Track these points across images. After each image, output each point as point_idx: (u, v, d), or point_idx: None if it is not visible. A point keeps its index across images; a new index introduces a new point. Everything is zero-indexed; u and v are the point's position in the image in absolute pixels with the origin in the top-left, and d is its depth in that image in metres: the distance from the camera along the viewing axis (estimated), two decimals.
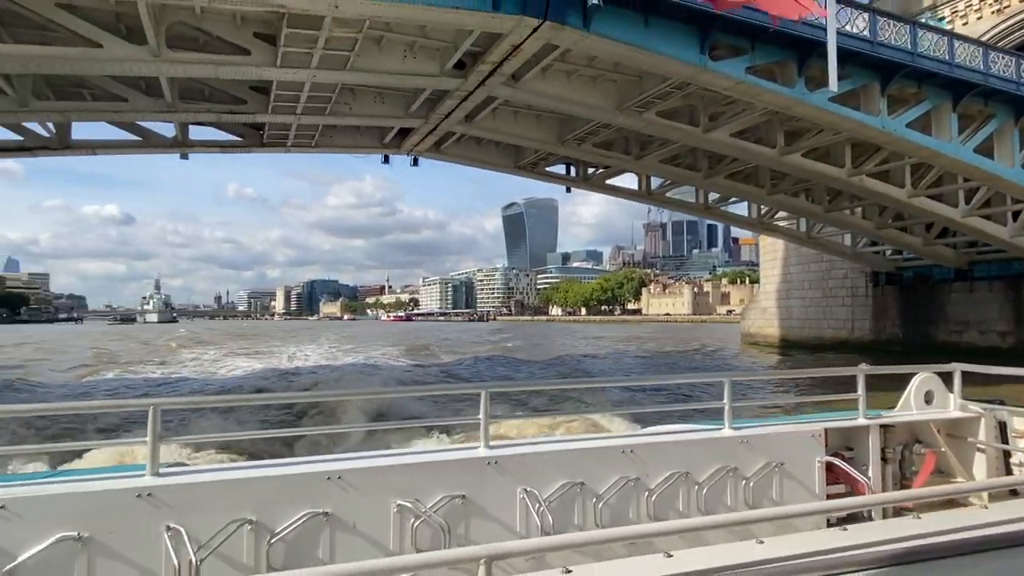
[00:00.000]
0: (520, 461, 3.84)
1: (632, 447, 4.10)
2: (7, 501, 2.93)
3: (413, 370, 31.76)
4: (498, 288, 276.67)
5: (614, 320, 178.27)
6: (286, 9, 12.88)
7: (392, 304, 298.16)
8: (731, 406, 4.45)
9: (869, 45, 17.68)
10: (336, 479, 3.42)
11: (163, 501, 3.15)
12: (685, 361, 42.74)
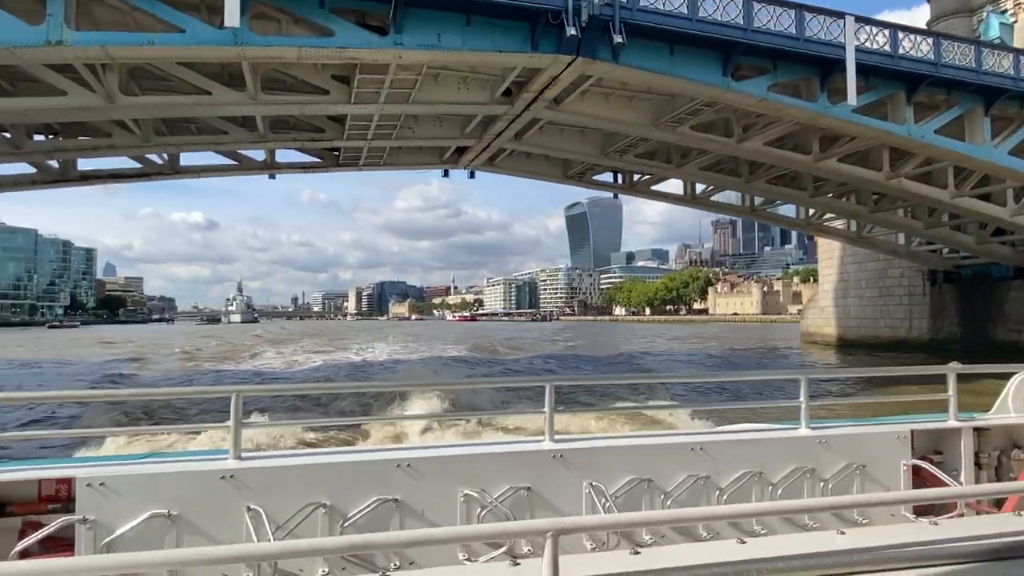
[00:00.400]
0: (586, 455, 3.82)
1: (702, 444, 4.00)
2: (107, 479, 3.15)
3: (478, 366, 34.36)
4: (561, 288, 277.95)
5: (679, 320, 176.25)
6: (359, 60, 15.55)
7: (457, 304, 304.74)
8: (808, 405, 4.28)
9: (890, 59, 18.76)
10: (405, 467, 3.49)
11: (244, 483, 3.29)
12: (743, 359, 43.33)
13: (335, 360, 36.22)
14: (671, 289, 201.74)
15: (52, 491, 3.23)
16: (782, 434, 4.34)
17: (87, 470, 3.22)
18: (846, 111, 18.77)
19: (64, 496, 3.20)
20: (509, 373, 30.37)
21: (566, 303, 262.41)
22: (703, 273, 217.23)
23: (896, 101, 20.02)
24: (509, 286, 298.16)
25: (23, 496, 3.22)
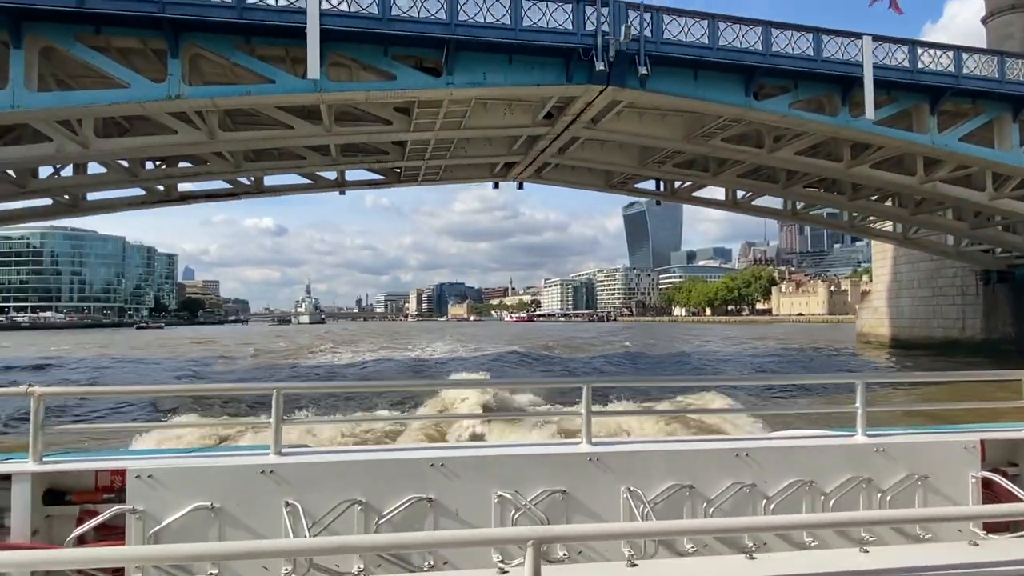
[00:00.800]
0: (624, 459, 3.72)
1: (748, 450, 3.85)
2: (155, 471, 3.26)
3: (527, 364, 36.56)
4: (619, 288, 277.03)
5: (740, 320, 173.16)
6: (417, 98, 18.12)
7: (515, 305, 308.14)
8: (865, 410, 4.08)
9: (909, 74, 19.87)
10: (439, 466, 3.49)
11: (283, 478, 3.35)
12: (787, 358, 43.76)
13: (396, 356, 39.30)
14: (732, 289, 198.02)
15: (107, 481, 3.40)
16: (836, 441, 4.09)
17: (137, 462, 3.38)
18: (868, 124, 19.97)
19: (118, 487, 3.36)
20: (565, 373, 31.80)
21: (624, 303, 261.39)
22: (766, 272, 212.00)
23: (920, 111, 21.01)
24: (566, 287, 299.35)
25: (81, 486, 3.43)
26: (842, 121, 20.05)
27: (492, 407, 13.70)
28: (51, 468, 3.35)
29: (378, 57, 17.05)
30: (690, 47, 18.16)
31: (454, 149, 24.47)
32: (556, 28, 17.18)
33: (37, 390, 3.31)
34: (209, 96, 16.34)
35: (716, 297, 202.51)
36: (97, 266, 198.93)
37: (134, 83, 15.67)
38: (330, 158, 23.78)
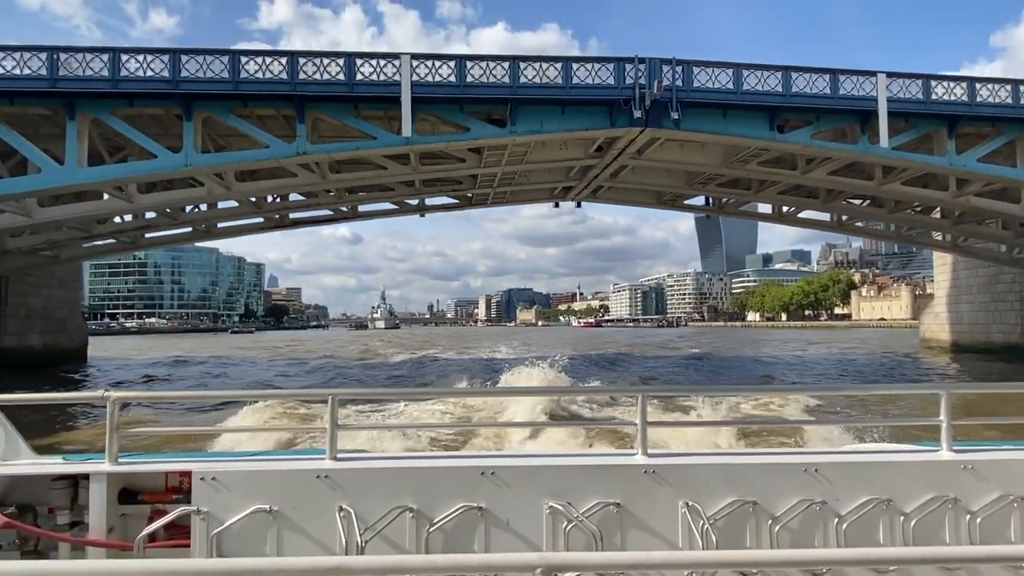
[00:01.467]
0: (682, 472, 3.57)
1: (817, 465, 3.59)
2: (218, 474, 3.44)
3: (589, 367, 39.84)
4: (689, 293, 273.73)
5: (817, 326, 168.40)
6: (487, 145, 22.21)
7: (583, 311, 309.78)
8: (950, 423, 3.74)
9: (923, 104, 22.22)
10: (490, 475, 3.48)
11: (338, 483, 3.43)
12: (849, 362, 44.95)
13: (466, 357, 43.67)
14: (808, 293, 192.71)
15: (176, 483, 3.58)
16: (917, 456, 3.86)
17: (202, 465, 3.50)
18: (886, 150, 22.44)
19: (185, 487, 3.50)
20: (626, 376, 34.31)
21: (695, 309, 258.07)
22: (845, 275, 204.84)
23: (939, 136, 23.21)
24: (635, 292, 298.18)
25: (152, 486, 3.63)
26: (862, 148, 22.60)
27: (546, 414, 13.63)
28: (125, 469, 3.53)
29: (455, 113, 21.24)
30: (717, 92, 21.37)
31: (518, 178, 28.49)
32: (600, 84, 20.86)
33: (112, 394, 3.46)
34: (327, 152, 21.04)
35: (791, 302, 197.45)
36: (194, 275, 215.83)
37: (272, 144, 20.52)
38: (414, 189, 28.30)
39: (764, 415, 13.90)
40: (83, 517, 3.52)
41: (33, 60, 19.12)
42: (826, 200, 30.80)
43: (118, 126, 20.03)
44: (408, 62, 19.94)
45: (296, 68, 19.77)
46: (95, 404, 3.50)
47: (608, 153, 24.89)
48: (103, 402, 3.44)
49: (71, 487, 3.60)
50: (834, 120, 22.67)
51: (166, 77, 19.34)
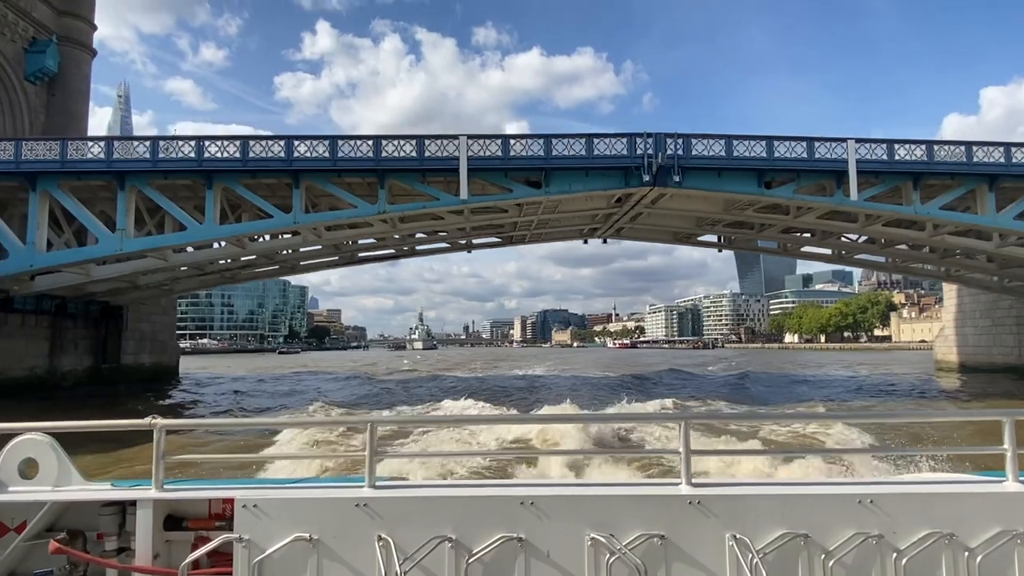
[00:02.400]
0: (728, 503, 3.49)
1: (872, 496, 3.46)
2: (260, 501, 3.46)
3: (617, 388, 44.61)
4: (726, 315, 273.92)
5: (856, 348, 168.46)
6: (525, 201, 27.85)
7: (618, 332, 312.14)
8: (1016, 452, 3.58)
9: (887, 164, 26.97)
10: (529, 505, 3.45)
11: (377, 512, 3.45)
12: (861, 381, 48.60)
13: (503, 374, 49.00)
14: (847, 315, 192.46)
15: (220, 509, 3.68)
16: (981, 488, 3.61)
17: (244, 492, 3.54)
18: (858, 201, 27.21)
19: (228, 515, 3.56)
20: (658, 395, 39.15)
21: (732, 330, 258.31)
22: (883, 296, 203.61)
23: (906, 188, 27.85)
24: (671, 313, 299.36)
25: (196, 513, 3.73)
26: (837, 200, 27.43)
27: (586, 441, 13.92)
28: (170, 496, 3.62)
29: (500, 178, 26.94)
30: (712, 158, 26.58)
31: (551, 223, 34.06)
32: (616, 154, 26.32)
33: (159, 422, 3.54)
34: (400, 210, 26.95)
35: (829, 323, 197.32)
36: (242, 298, 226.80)
37: (359, 205, 26.53)
38: (464, 232, 34.13)
39: (813, 443, 13.71)
40: (130, 543, 3.62)
41: (184, 146, 25.59)
42: (822, 238, 35.46)
43: (243, 192, 26.34)
44: (464, 142, 25.78)
45: (380, 147, 25.80)
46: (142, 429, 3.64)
47: (626, 204, 30.24)
48: (151, 428, 3.52)
49: (119, 513, 3.69)
50: (813, 177, 27.58)
51: (282, 156, 25.58)
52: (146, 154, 25.59)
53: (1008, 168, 27.33)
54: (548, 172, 26.67)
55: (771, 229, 34.91)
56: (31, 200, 25.85)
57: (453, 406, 24.92)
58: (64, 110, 38.77)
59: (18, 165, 25.41)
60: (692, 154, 26.55)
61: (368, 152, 25.79)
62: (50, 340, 32.17)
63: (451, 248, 37.98)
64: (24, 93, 36.50)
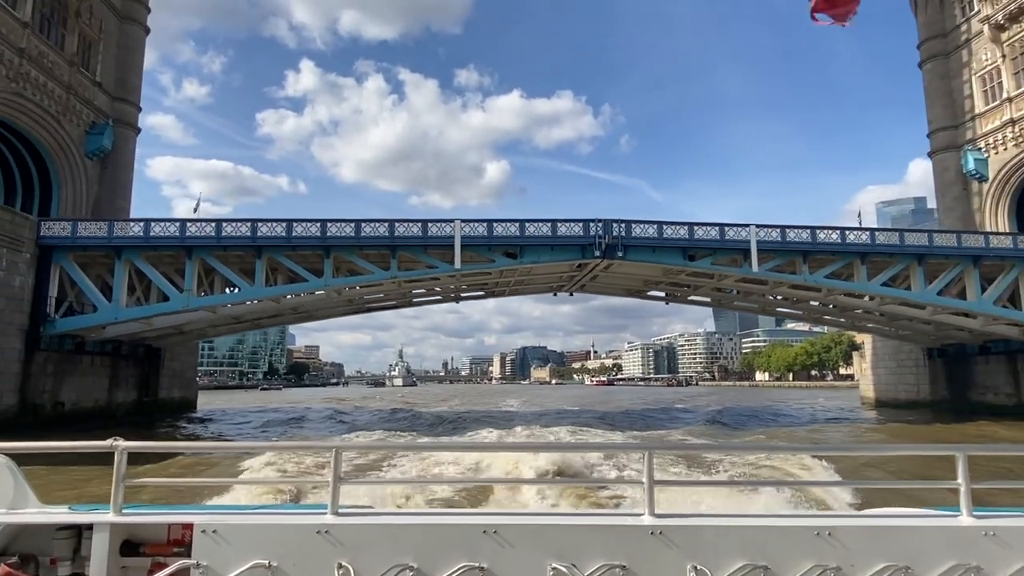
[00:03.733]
0: (690, 534, 3.53)
1: (830, 529, 3.53)
2: (219, 527, 3.49)
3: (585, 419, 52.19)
4: (700, 353, 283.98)
5: (821, 386, 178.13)
6: (504, 269, 36.07)
7: (596, 369, 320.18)
8: (969, 487, 3.66)
9: (781, 243, 35.76)
10: (492, 533, 3.47)
11: (338, 539, 3.46)
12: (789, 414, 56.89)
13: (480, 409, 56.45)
14: (812, 354, 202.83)
15: (178, 535, 3.62)
16: (936, 521, 3.70)
17: (204, 517, 3.55)
18: (759, 272, 35.86)
19: (187, 540, 3.53)
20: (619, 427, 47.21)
21: (706, 368, 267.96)
22: (846, 337, 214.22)
23: (797, 261, 36.62)
24: (647, 351, 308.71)
25: (154, 538, 3.67)
26: (745, 270, 36.07)
27: (550, 470, 14.02)
28: (128, 520, 3.57)
29: (485, 251, 35.16)
30: (648, 238, 35.16)
31: (526, 282, 42.29)
32: (574, 235, 34.74)
33: (120, 444, 3.52)
34: (409, 277, 34.99)
35: (795, 362, 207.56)
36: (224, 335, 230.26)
37: (375, 271, 34.48)
38: (455, 288, 42.14)
39: (773, 475, 14.24)
40: (84, 569, 3.54)
41: (242, 227, 33.44)
42: (745, 296, 44.16)
43: (284, 261, 34.17)
44: (459, 224, 34.03)
45: (394, 228, 33.88)
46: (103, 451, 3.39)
47: (585, 269, 38.64)
48: (112, 450, 3.50)
49: (75, 537, 3.64)
50: (726, 253, 36.26)
51: (318, 235, 33.54)
52: (211, 232, 33.34)
53: (873, 247, 36.32)
54: (522, 247, 34.97)
55: (703, 288, 43.53)
56: (117, 267, 33.35)
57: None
58: (114, 180, 46.38)
59: (110, 240, 33.00)
60: (632, 235, 35.11)
61: (384, 232, 33.89)
62: (109, 377, 39.10)
63: (443, 300, 45.96)
64: (84, 167, 44.05)
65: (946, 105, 53.00)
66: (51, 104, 40.37)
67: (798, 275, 36.53)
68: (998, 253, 37.30)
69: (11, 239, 31.07)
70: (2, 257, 30.45)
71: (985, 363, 44.91)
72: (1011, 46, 47.87)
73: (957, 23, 52.88)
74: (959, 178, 51.15)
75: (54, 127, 40.92)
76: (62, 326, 32.67)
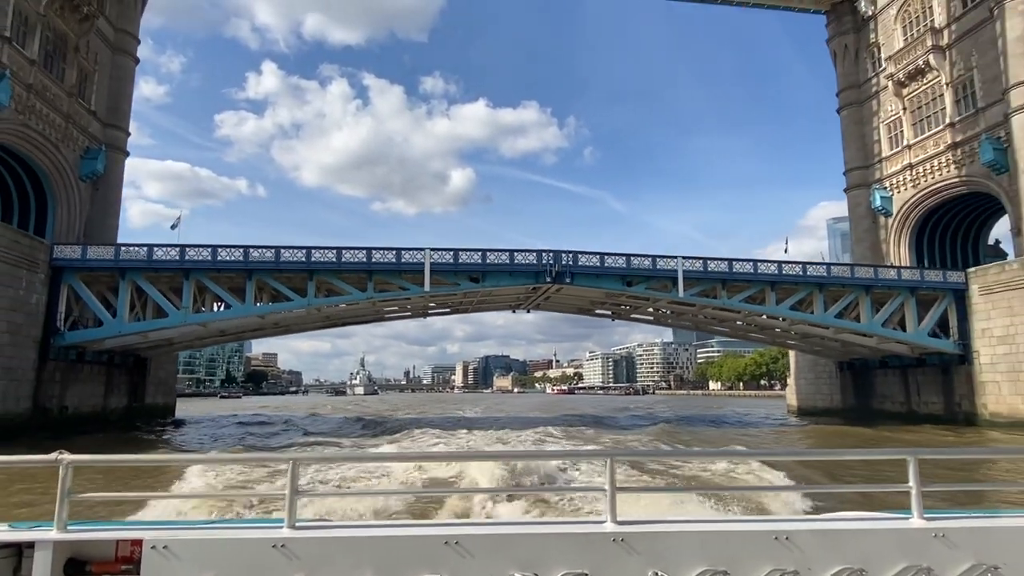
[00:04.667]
0: (652, 540, 3.58)
1: (788, 533, 3.62)
2: (170, 543, 3.41)
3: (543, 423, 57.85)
4: (657, 362, 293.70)
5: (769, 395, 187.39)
6: (468, 291, 41.68)
7: (558, 378, 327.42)
8: (920, 489, 3.80)
9: (703, 273, 42.27)
10: (454, 544, 3.48)
11: (295, 553, 3.41)
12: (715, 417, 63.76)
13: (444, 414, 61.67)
14: (760, 364, 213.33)
15: (127, 552, 3.49)
16: (888, 524, 3.83)
17: (154, 533, 3.48)
18: (685, 296, 42.24)
19: (136, 557, 3.43)
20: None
21: (663, 377, 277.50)
22: None
23: (718, 288, 43.15)
24: (607, 360, 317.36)
25: (101, 556, 3.52)
26: (673, 295, 42.42)
27: (511, 478, 13.85)
28: (74, 537, 3.48)
29: (451, 276, 40.70)
30: (592, 267, 41.27)
31: (488, 301, 47.91)
32: (529, 263, 40.60)
33: (66, 458, 3.46)
34: (384, 298, 40.26)
35: (745, 372, 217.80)
36: None
37: (353, 292, 39.65)
38: (423, 306, 47.47)
39: (733, 480, 14.38)
40: None
41: (235, 252, 38.21)
42: (680, 315, 50.63)
43: (274, 284, 39.06)
44: (428, 253, 39.48)
45: (371, 255, 39.08)
46: (47, 465, 3.35)
47: (539, 291, 44.51)
48: (56, 464, 3.42)
49: (15, 556, 3.51)
50: (657, 280, 42.57)
51: (303, 261, 38.54)
52: (207, 256, 38.02)
53: (780, 277, 43.15)
54: (484, 272, 40.59)
55: (642, 308, 49.88)
56: (121, 286, 37.72)
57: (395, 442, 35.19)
58: (104, 200, 50.28)
59: (116, 263, 37.39)
60: (579, 264, 41.13)
61: (363, 258, 39.11)
62: (104, 384, 43.12)
63: (412, 316, 51.20)
64: (78, 189, 47.90)
65: (859, 148, 60.87)
66: (52, 132, 44.35)
67: (718, 299, 43.05)
68: (885, 283, 44.60)
69: (30, 261, 35.25)
70: (22, 278, 34.62)
71: (884, 376, 52.36)
72: (910, 100, 55.84)
73: (868, 76, 60.87)
74: (869, 212, 58.92)
75: (53, 153, 44.87)
76: (70, 338, 36.87)
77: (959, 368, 44.95)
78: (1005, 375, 41.87)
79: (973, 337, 44.16)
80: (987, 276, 43.92)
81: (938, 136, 52.66)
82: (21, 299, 34.53)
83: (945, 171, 52.07)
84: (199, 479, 15.31)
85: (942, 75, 52.22)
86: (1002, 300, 42.50)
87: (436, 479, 15.18)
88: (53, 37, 44.87)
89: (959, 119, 50.62)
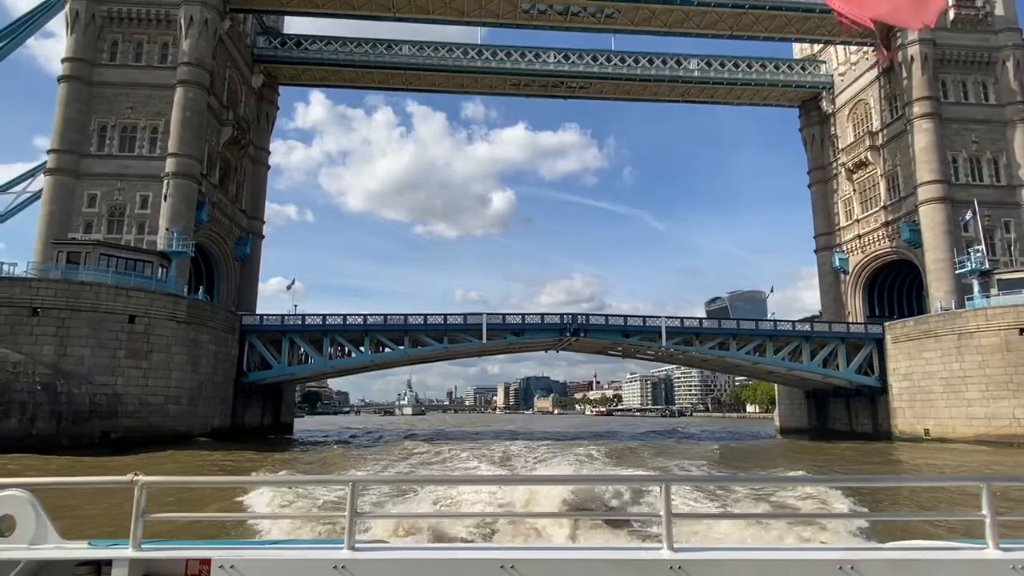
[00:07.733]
0: (711, 568, 3.59)
1: (853, 563, 3.57)
2: (236, 562, 3.61)
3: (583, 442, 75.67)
4: (695, 385, 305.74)
5: None
6: (507, 344, 60.81)
7: (598, 400, 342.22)
8: (995, 518, 3.73)
9: (681, 328, 60.37)
10: (510, 568, 3.53)
11: (354, 574, 3.53)
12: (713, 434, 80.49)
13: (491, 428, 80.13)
14: None
15: (196, 570, 3.71)
16: (961, 555, 3.73)
17: (222, 552, 3.70)
18: (668, 345, 60.25)
19: (206, 575, 3.65)
20: None
21: (700, 400, 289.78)
22: None
23: (692, 338, 61.00)
24: (645, 382, 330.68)
25: (172, 573, 3.74)
26: (660, 344, 60.51)
27: (568, 502, 14.24)
28: (147, 555, 3.71)
29: (499, 331, 59.74)
30: (600, 324, 59.89)
31: (526, 346, 66.82)
32: (554, 323, 59.52)
33: (141, 479, 3.68)
34: (455, 348, 59.65)
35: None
36: None
37: (433, 344, 59.15)
38: (478, 349, 66.65)
39: (795, 505, 14.55)
40: None
41: (357, 318, 58.12)
42: (670, 356, 68.52)
43: (382, 338, 58.89)
44: (485, 317, 58.65)
45: (447, 319, 58.38)
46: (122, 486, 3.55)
47: (563, 341, 63.16)
48: (132, 485, 3.63)
49: (94, 573, 3.75)
50: (648, 333, 60.74)
51: (402, 323, 58.18)
52: (339, 322, 57.99)
53: (738, 330, 60.77)
54: (523, 329, 59.49)
55: (642, 351, 67.95)
56: (283, 341, 58.01)
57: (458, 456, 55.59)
58: (248, 275, 71.34)
59: (282, 326, 57.77)
60: (590, 322, 59.70)
61: (440, 321, 58.55)
62: (261, 407, 63.53)
63: (470, 355, 70.38)
64: (233, 267, 68.93)
65: (824, 217, 77.96)
66: (222, 231, 65.56)
67: (693, 347, 60.90)
68: (819, 334, 61.84)
69: (229, 327, 55.81)
70: (228, 340, 55.17)
71: (835, 402, 69.11)
72: (858, 184, 72.95)
73: (830, 160, 78.13)
74: (832, 270, 75.83)
75: (222, 245, 66.06)
76: (252, 377, 57.27)
77: (880, 398, 61.58)
78: (907, 403, 58.42)
79: (888, 374, 60.80)
80: (896, 329, 60.67)
81: (876, 215, 69.67)
82: (228, 353, 55.03)
83: (882, 243, 68.99)
84: (263, 499, 16.16)
85: (878, 168, 69.45)
86: (905, 347, 59.17)
87: (493, 501, 15.82)
88: (222, 164, 66.25)
89: (890, 203, 67.67)
